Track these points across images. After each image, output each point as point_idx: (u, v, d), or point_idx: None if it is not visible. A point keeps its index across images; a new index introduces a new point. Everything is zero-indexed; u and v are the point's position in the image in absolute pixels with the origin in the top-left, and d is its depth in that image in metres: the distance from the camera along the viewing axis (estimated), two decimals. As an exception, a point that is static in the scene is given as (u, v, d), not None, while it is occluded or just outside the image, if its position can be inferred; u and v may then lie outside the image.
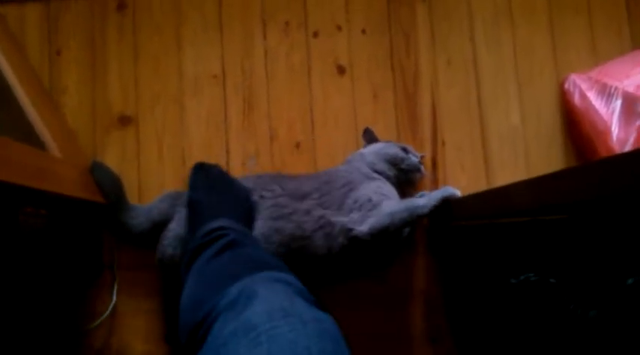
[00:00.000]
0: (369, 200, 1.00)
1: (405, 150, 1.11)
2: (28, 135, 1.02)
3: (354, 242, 0.98)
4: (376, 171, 1.09)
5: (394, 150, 1.10)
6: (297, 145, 1.20)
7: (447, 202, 0.96)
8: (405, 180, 1.11)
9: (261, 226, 1.01)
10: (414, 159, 1.10)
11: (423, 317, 1.14)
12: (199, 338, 0.59)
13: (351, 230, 0.98)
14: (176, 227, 1.05)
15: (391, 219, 0.96)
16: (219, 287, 0.64)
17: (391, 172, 1.09)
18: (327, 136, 1.20)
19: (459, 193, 0.98)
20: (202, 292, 0.68)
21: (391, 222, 0.96)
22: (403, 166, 1.09)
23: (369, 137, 1.16)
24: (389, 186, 1.07)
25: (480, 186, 1.18)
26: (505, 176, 1.18)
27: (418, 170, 1.10)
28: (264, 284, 0.62)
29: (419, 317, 1.14)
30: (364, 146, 1.17)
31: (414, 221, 0.97)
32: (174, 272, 1.03)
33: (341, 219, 0.99)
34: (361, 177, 1.06)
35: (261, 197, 1.04)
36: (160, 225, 1.08)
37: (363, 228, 0.97)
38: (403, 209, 0.97)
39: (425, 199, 0.98)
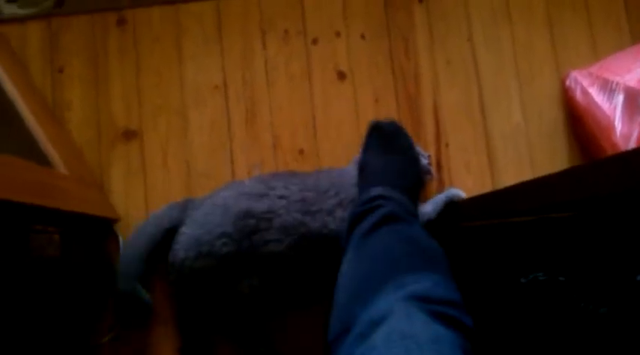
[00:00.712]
0: None
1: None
2: (33, 152, 1.03)
3: None
4: None
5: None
6: (301, 152, 1.20)
7: (454, 204, 0.97)
8: None
9: (289, 218, 1.02)
10: (423, 160, 1.11)
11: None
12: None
13: None
14: (188, 230, 1.06)
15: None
16: (375, 281, 0.67)
17: None
18: (330, 142, 1.21)
19: (463, 194, 0.99)
20: (359, 286, 0.70)
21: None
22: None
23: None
24: None
25: (486, 185, 1.18)
26: (510, 175, 1.19)
27: (427, 172, 1.11)
28: (397, 304, 0.63)
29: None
30: None
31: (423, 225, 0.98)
32: (187, 276, 1.04)
33: None
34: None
35: (286, 189, 1.05)
36: (170, 232, 1.09)
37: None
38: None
39: (430, 205, 0.99)
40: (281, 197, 1.05)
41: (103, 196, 1.17)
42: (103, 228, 1.15)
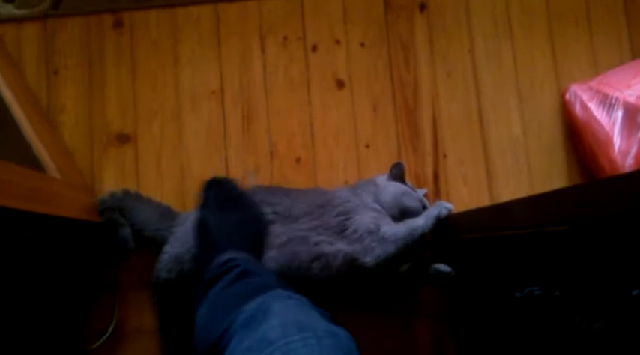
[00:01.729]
0: (369, 231, 1.03)
1: (414, 192, 1.14)
2: (26, 155, 1.04)
3: (359, 270, 1.02)
4: (383, 209, 1.10)
5: (415, 204, 1.11)
6: (297, 160, 1.23)
7: (449, 217, 0.99)
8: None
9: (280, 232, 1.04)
10: (419, 195, 1.13)
11: (428, 331, 1.16)
12: None
13: (356, 259, 1.01)
14: (170, 249, 1.07)
15: (395, 246, 1.00)
16: (234, 307, 0.66)
17: (397, 217, 1.10)
18: (327, 150, 1.23)
19: (451, 207, 1.02)
20: (218, 313, 0.71)
21: (396, 248, 1.00)
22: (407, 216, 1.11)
23: (397, 173, 1.15)
24: (388, 219, 1.09)
25: (483, 198, 1.21)
26: (508, 188, 1.21)
27: (424, 207, 1.12)
28: (279, 301, 0.64)
29: (423, 331, 1.16)
30: (388, 177, 1.16)
31: (416, 241, 1.00)
32: (169, 296, 1.06)
33: (342, 248, 1.02)
34: (361, 207, 1.08)
35: (276, 205, 1.08)
36: (150, 240, 1.11)
37: (368, 259, 1.01)
38: (405, 233, 1.01)
39: (423, 218, 1.01)
40: (273, 213, 1.07)
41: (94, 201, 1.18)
42: (95, 232, 1.17)
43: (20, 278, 0.97)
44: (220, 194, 1.03)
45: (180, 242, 1.07)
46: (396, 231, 1.02)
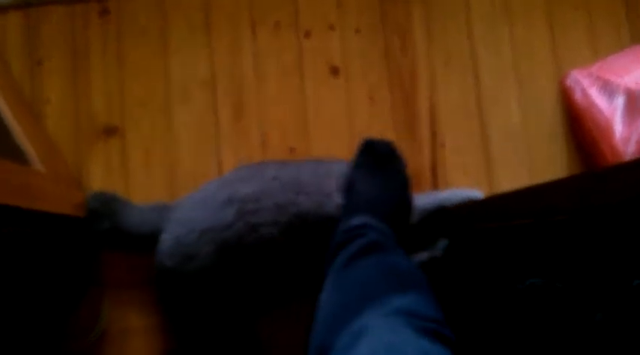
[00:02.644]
0: None
1: None
2: (9, 148, 1.03)
3: None
4: None
5: None
6: (291, 150, 1.22)
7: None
8: None
9: (281, 197, 1.03)
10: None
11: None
12: None
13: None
14: (169, 234, 1.06)
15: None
16: (349, 312, 0.67)
17: None
18: (321, 140, 1.23)
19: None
20: (334, 315, 0.72)
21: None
22: None
23: None
24: None
25: (482, 187, 1.21)
26: (507, 177, 1.22)
27: None
28: (379, 319, 0.65)
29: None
30: None
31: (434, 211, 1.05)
32: (175, 286, 1.05)
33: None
34: None
35: (279, 170, 1.08)
36: (147, 237, 1.10)
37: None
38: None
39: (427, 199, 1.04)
40: (274, 178, 1.05)
41: (81, 195, 1.17)
42: (82, 227, 1.16)
43: (4, 276, 0.97)
44: (374, 159, 1.05)
45: (178, 223, 1.06)
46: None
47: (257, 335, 1.14)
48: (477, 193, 1.08)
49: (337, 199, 1.03)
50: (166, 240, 1.06)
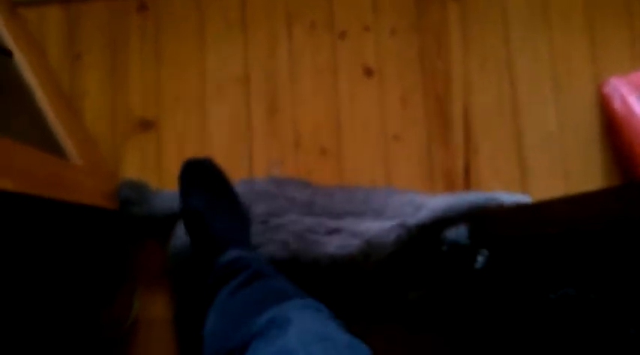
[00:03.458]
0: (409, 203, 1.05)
1: None
2: (48, 141, 1.05)
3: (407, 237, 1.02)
4: None
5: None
6: (323, 151, 1.22)
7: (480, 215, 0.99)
8: None
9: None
10: None
11: (451, 335, 1.16)
12: None
13: (402, 224, 1.02)
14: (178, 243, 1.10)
15: (441, 208, 1.04)
16: (247, 318, 0.66)
17: None
18: (354, 142, 1.23)
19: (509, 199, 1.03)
20: (229, 324, 0.71)
21: (442, 210, 1.04)
22: None
23: None
24: None
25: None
26: (541, 184, 1.19)
27: None
28: (296, 311, 0.64)
29: (446, 334, 1.16)
30: None
31: (463, 211, 1.02)
32: (187, 266, 1.07)
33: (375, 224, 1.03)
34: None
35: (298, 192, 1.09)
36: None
37: (411, 222, 1.03)
38: (452, 199, 1.04)
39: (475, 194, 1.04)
40: (287, 200, 1.07)
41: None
42: (118, 219, 1.18)
43: (41, 266, 0.98)
44: (205, 178, 1.00)
45: None
46: (440, 200, 1.05)
47: None
48: (524, 197, 1.07)
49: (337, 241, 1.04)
50: (175, 248, 1.09)
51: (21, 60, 1.08)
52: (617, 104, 1.15)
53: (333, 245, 1.01)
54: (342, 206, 1.08)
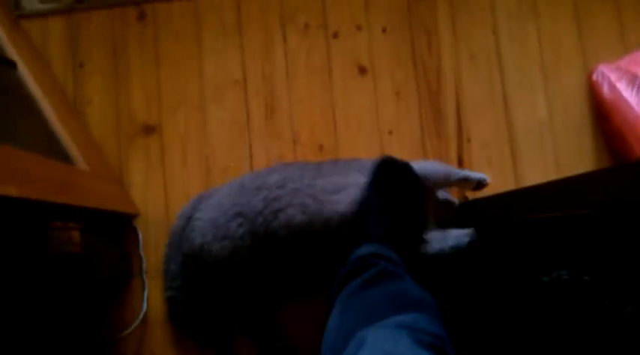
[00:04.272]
0: None
1: None
2: (54, 148, 1.07)
3: None
4: None
5: None
6: (320, 148, 1.23)
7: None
8: None
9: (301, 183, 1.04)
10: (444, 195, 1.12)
11: (451, 316, 1.16)
12: None
13: None
14: (204, 215, 1.09)
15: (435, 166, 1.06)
16: (355, 331, 0.66)
17: None
18: (350, 137, 1.24)
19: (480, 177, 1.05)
20: (339, 340, 0.71)
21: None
22: None
23: None
24: None
25: (508, 182, 1.20)
26: (533, 171, 1.20)
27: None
28: (379, 330, 0.65)
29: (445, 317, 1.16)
30: None
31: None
32: (206, 266, 1.07)
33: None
34: None
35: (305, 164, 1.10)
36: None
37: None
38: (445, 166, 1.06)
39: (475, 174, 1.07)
40: (299, 168, 1.08)
41: (122, 192, 1.20)
42: (123, 223, 1.19)
43: (50, 267, 0.99)
44: (393, 178, 1.01)
45: (213, 208, 1.08)
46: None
47: (276, 321, 1.16)
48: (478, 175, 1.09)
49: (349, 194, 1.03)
50: (199, 220, 1.09)
51: (25, 70, 1.10)
52: (606, 90, 1.15)
53: (344, 202, 1.01)
54: (346, 165, 1.09)
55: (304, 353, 1.15)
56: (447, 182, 1.06)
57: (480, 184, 1.09)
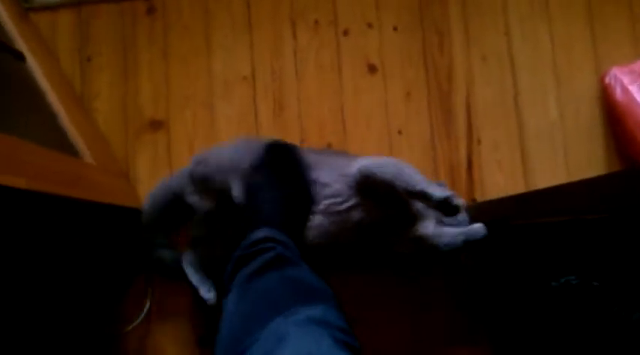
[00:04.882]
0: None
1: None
2: (61, 141, 1.07)
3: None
4: None
5: None
6: (329, 146, 1.23)
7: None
8: None
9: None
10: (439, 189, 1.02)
11: (459, 319, 1.16)
12: None
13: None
14: (207, 153, 1.12)
15: (393, 169, 0.98)
16: (255, 322, 0.67)
17: None
18: (358, 136, 1.23)
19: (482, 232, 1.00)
20: (240, 326, 0.71)
21: (392, 172, 0.97)
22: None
23: None
24: None
25: (518, 184, 1.20)
26: (544, 174, 1.20)
27: (447, 198, 0.95)
28: (297, 327, 0.64)
29: (455, 320, 1.16)
30: None
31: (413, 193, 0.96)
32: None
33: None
34: None
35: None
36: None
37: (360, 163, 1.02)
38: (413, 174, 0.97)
39: (448, 237, 1.00)
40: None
41: (129, 186, 1.21)
42: (129, 218, 1.19)
43: (55, 262, 0.99)
44: (279, 161, 1.03)
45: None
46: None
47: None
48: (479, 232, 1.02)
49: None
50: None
51: (33, 63, 1.10)
52: (618, 94, 1.15)
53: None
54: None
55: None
56: (406, 190, 0.96)
57: (445, 206, 0.90)
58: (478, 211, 1.05)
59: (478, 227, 1.00)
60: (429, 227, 1.04)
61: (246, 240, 0.90)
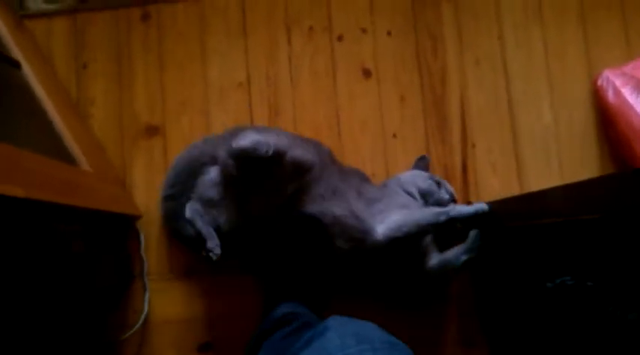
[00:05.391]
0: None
1: (438, 184, 1.14)
2: (57, 149, 1.07)
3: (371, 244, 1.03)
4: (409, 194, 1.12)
5: (426, 183, 1.13)
6: (325, 150, 1.23)
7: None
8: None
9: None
10: (445, 196, 1.12)
11: (456, 321, 1.17)
12: None
13: (368, 231, 1.03)
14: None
15: (408, 221, 1.01)
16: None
17: (421, 201, 1.12)
18: (354, 141, 1.24)
19: (471, 211, 1.02)
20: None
21: (406, 224, 1.01)
22: (431, 201, 1.12)
23: (421, 166, 1.19)
24: (417, 204, 1.11)
25: (512, 188, 1.20)
26: (538, 177, 1.21)
27: (452, 199, 1.13)
28: (336, 321, 0.65)
29: (452, 321, 1.16)
30: (412, 168, 1.20)
31: (432, 226, 1.02)
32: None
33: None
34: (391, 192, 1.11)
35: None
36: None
37: (380, 227, 1.03)
38: (426, 214, 1.02)
39: (436, 212, 1.03)
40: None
41: (125, 193, 1.21)
42: (125, 224, 1.19)
43: (50, 269, 0.99)
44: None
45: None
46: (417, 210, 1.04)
47: None
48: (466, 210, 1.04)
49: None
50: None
51: (29, 71, 1.10)
52: (611, 96, 1.16)
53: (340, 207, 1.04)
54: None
55: None
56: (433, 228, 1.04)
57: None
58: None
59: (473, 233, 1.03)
60: (434, 258, 1.08)
61: (272, 314, 0.93)
